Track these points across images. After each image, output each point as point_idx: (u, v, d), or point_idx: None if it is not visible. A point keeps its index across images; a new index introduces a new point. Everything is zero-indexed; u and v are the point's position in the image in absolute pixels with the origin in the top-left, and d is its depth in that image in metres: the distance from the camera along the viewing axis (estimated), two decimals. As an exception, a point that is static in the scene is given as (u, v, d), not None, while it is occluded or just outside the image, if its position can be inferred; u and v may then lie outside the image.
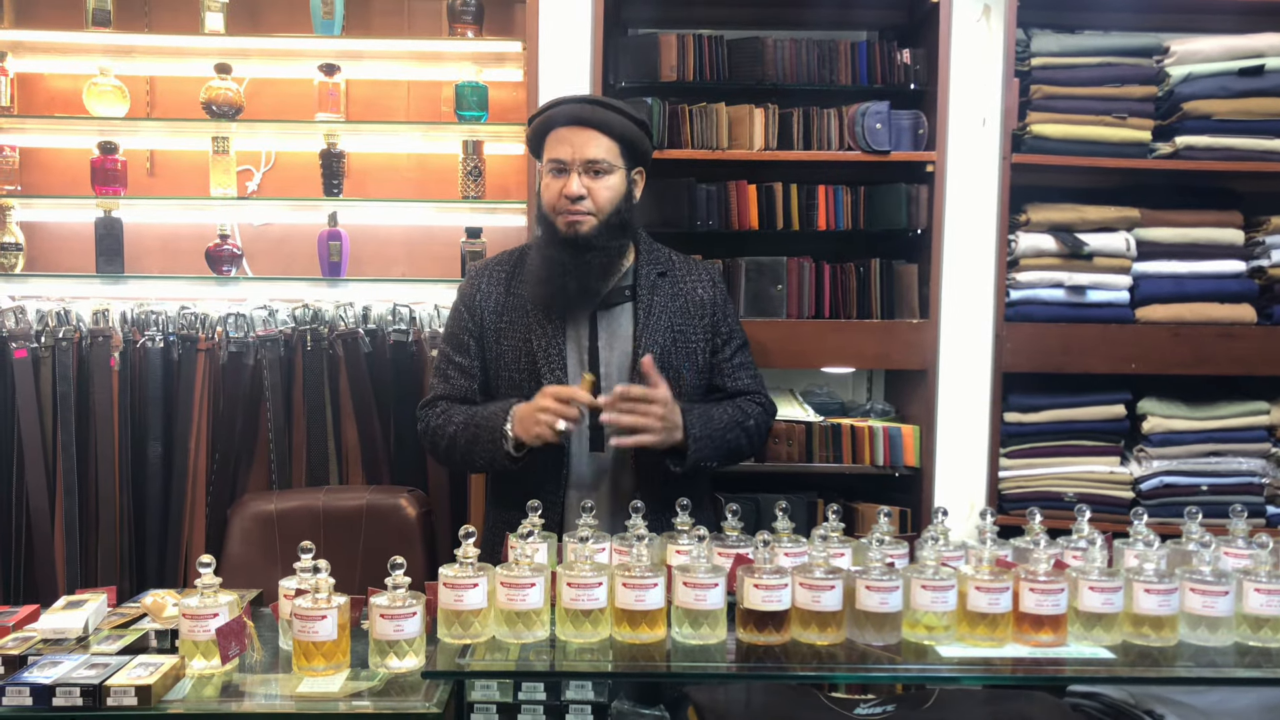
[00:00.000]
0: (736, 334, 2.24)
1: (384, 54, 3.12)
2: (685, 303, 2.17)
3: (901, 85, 2.85)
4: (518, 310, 2.16)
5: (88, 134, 3.14)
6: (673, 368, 2.11)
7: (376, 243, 3.26)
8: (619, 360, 2.12)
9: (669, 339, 2.13)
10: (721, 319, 2.21)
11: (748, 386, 2.21)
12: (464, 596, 1.57)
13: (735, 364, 2.21)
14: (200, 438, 3.06)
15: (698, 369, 2.17)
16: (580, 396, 1.98)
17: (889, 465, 2.89)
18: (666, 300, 2.16)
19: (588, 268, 2.08)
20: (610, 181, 2.08)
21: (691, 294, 2.19)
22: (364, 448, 3.10)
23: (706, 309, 2.19)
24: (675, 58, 2.83)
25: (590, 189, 2.05)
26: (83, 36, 3.05)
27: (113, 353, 3.03)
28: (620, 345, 2.13)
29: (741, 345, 2.25)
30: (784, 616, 1.57)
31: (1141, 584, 1.59)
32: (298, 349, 3.06)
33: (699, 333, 2.17)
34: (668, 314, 2.15)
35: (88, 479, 3.05)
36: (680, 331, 2.15)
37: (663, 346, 2.12)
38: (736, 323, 2.26)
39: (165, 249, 3.25)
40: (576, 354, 2.13)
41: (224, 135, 3.07)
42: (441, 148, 3.21)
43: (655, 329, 2.12)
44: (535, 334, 2.13)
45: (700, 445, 2.03)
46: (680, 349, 2.14)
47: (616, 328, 2.14)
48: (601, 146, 2.07)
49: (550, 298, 2.11)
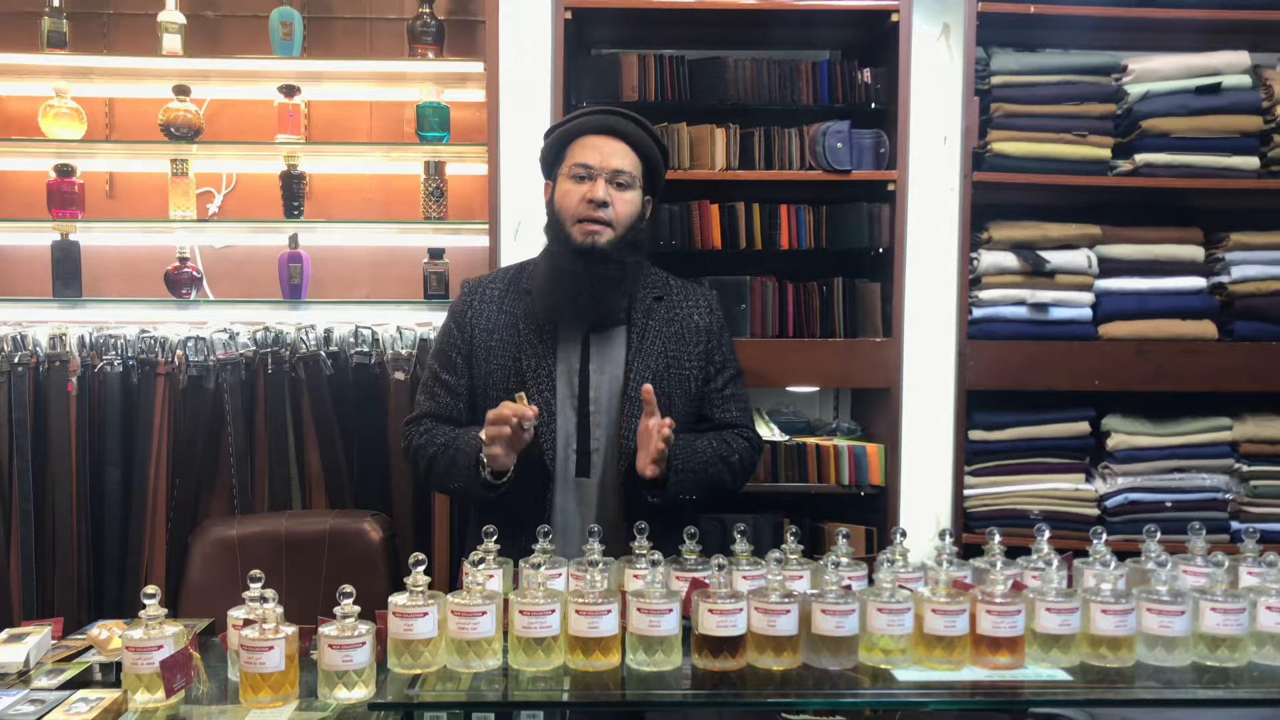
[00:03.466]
0: (730, 364, 2.19)
1: (345, 75, 3.10)
2: (680, 329, 2.13)
3: (862, 104, 2.86)
4: (509, 329, 2.11)
5: (45, 157, 3.10)
6: (664, 395, 2.05)
7: (338, 264, 3.23)
8: (609, 384, 2.08)
9: (662, 365, 2.08)
10: (716, 347, 2.16)
11: (736, 419, 2.16)
12: (414, 625, 1.54)
13: (726, 395, 2.16)
14: (160, 463, 3.02)
15: (689, 397, 2.12)
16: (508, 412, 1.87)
17: (854, 484, 2.88)
18: (661, 325, 2.11)
19: (603, 280, 2.02)
20: (631, 196, 2.06)
21: (687, 320, 2.14)
22: (327, 471, 3.07)
23: (702, 336, 2.14)
24: (636, 78, 2.82)
25: (613, 199, 2.02)
26: (38, 58, 3.02)
27: (70, 377, 3.00)
28: (612, 369, 2.08)
29: (734, 376, 2.19)
30: (739, 641, 1.56)
31: (1098, 604, 1.58)
32: (259, 372, 3.04)
33: (692, 360, 2.12)
34: (661, 339, 2.10)
35: (44, 506, 3.00)
36: (674, 358, 2.10)
37: (655, 372, 2.07)
38: (731, 353, 2.21)
39: (125, 272, 3.22)
40: (566, 376, 2.08)
41: (183, 157, 3.04)
42: (404, 169, 3.19)
43: (648, 354, 2.08)
44: (525, 354, 2.08)
45: (682, 479, 1.98)
46: (673, 376, 2.09)
47: (609, 351, 2.09)
48: (629, 160, 2.05)
49: (558, 310, 2.06)
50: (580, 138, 2.07)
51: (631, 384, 2.05)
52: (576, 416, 2.07)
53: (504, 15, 2.77)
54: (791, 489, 2.89)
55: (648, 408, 1.94)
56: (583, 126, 2.08)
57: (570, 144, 2.08)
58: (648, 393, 1.93)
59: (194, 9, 3.12)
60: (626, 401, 2.05)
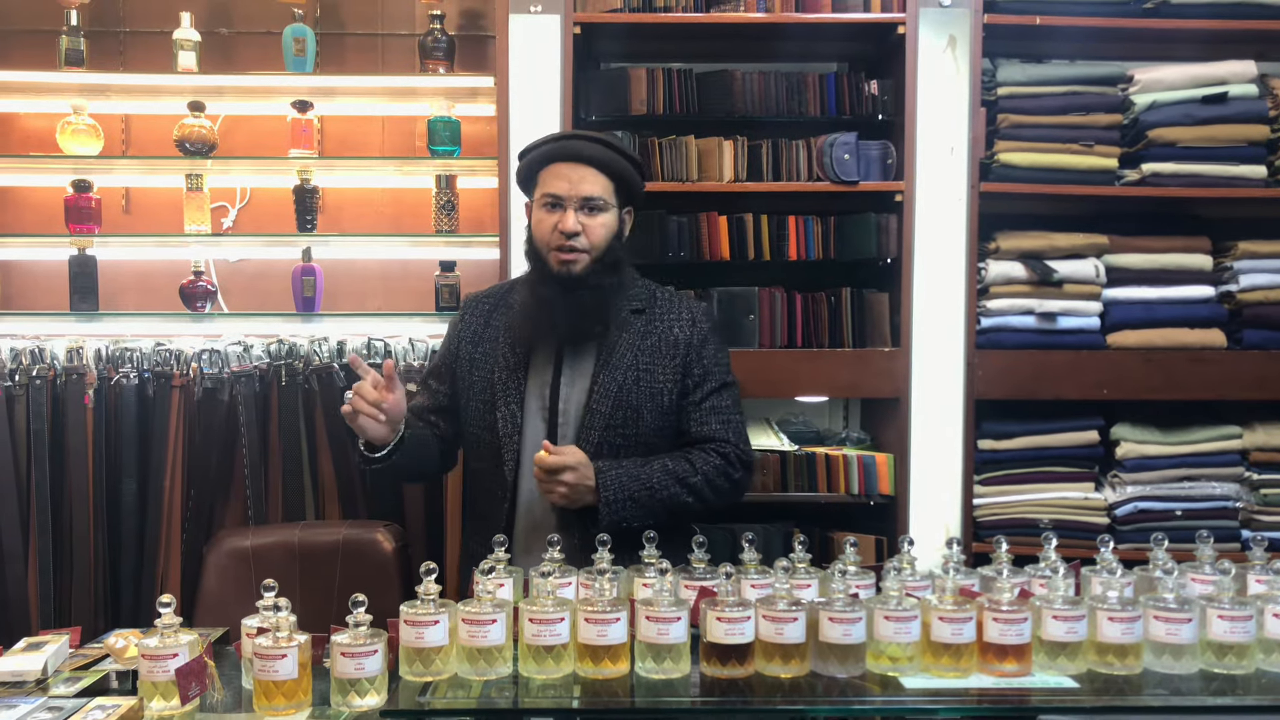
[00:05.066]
0: (712, 377, 2.15)
1: (357, 90, 3.14)
2: (657, 341, 2.13)
3: (869, 116, 2.88)
4: (491, 342, 2.17)
5: (63, 173, 3.15)
6: (631, 407, 2.07)
7: (351, 277, 3.27)
8: (577, 398, 2.10)
9: (630, 378, 2.09)
10: (695, 360, 2.13)
11: (714, 433, 2.11)
12: (425, 633, 1.56)
13: (705, 408, 2.12)
14: (175, 474, 3.04)
15: (661, 410, 2.11)
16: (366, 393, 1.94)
17: (864, 494, 2.89)
18: (635, 338, 2.12)
19: (579, 306, 2.07)
20: (605, 219, 2.07)
21: (666, 333, 2.14)
22: (340, 482, 3.09)
23: (679, 349, 2.13)
24: (645, 91, 2.85)
25: (585, 226, 2.04)
26: (56, 76, 3.07)
27: (87, 390, 3.03)
28: (581, 383, 2.11)
29: (716, 389, 2.15)
30: (747, 649, 1.57)
31: (1105, 612, 1.59)
32: (273, 384, 3.06)
33: (666, 373, 2.12)
34: (632, 352, 2.11)
35: (62, 517, 3.03)
36: (645, 370, 2.11)
37: (620, 385, 2.08)
38: (717, 365, 2.16)
39: (140, 286, 3.25)
40: (538, 389, 2.12)
41: (198, 173, 3.08)
42: (415, 182, 3.23)
43: (615, 367, 2.09)
44: (499, 366, 2.13)
45: (614, 508, 1.98)
46: (642, 389, 2.10)
47: (580, 364, 2.12)
48: (598, 184, 2.06)
49: (538, 336, 2.10)
50: (549, 165, 2.09)
51: (594, 397, 2.08)
52: (546, 428, 2.11)
53: (514, 30, 2.80)
54: (801, 499, 2.90)
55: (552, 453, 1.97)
56: (550, 154, 2.09)
57: (540, 170, 2.11)
58: (545, 447, 1.97)
59: (208, 26, 3.16)
60: (588, 414, 2.07)
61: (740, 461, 2.12)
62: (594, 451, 2.04)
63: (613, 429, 2.07)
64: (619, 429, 2.07)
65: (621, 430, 2.07)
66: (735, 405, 2.18)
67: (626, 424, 2.06)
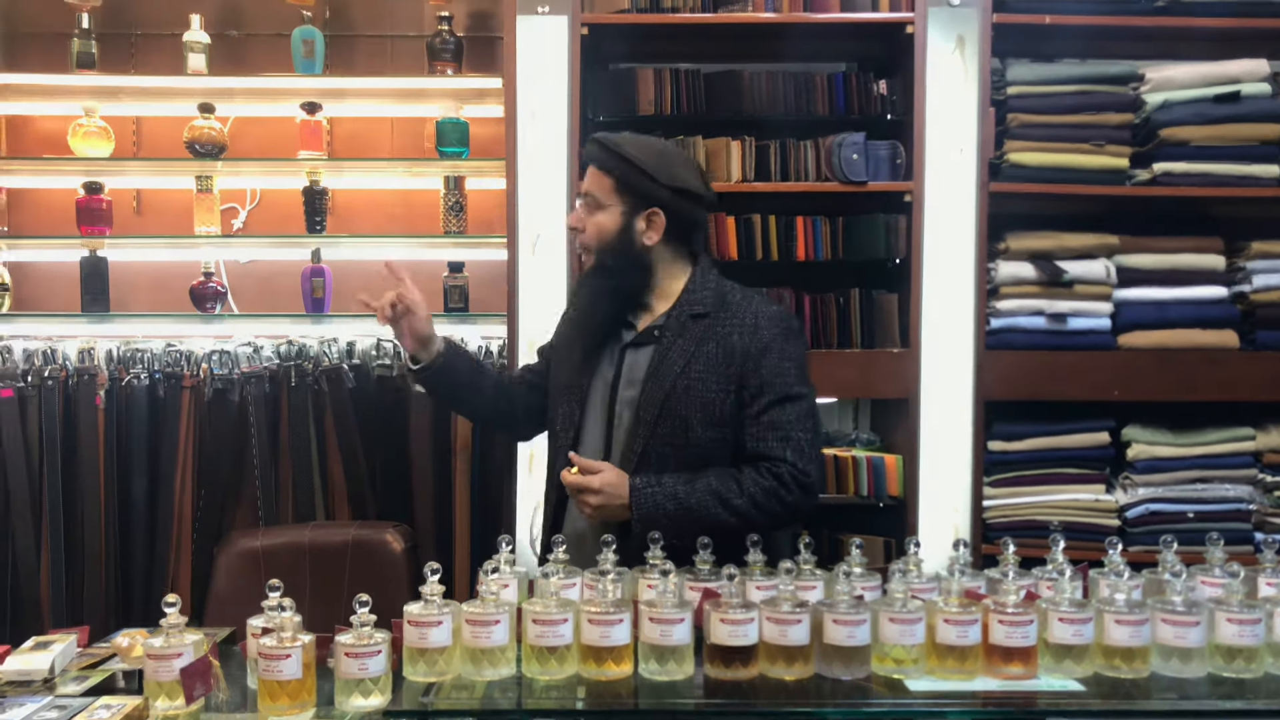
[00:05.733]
0: (772, 389, 2.01)
1: (366, 91, 3.15)
2: (714, 349, 2.04)
3: (878, 116, 2.87)
4: (572, 331, 2.20)
5: (75, 174, 3.17)
6: (679, 417, 2.01)
7: (360, 278, 3.25)
8: (630, 400, 2.07)
9: (681, 386, 2.02)
10: (752, 370, 2.02)
11: (769, 450, 1.99)
12: (429, 634, 1.56)
13: (761, 423, 2.01)
14: (186, 475, 3.06)
15: (714, 421, 2.02)
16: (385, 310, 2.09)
17: (873, 495, 2.88)
18: (690, 344, 2.04)
19: (590, 299, 2.12)
20: (600, 218, 2.06)
21: (725, 340, 2.03)
22: (350, 483, 3.11)
23: (736, 358, 2.03)
24: (653, 92, 2.85)
25: (585, 222, 2.08)
26: (69, 79, 3.09)
27: (98, 391, 3.05)
28: (634, 387, 2.07)
29: (775, 403, 2.01)
30: (751, 651, 1.56)
31: (1112, 615, 1.58)
32: (283, 385, 3.08)
33: (720, 382, 2.03)
34: (684, 359, 2.03)
35: (74, 517, 3.05)
36: (697, 379, 2.03)
37: (668, 393, 2.02)
38: (779, 377, 2.02)
39: (151, 287, 3.27)
40: (601, 388, 2.10)
41: (208, 174, 3.10)
42: (424, 184, 3.24)
43: (664, 374, 2.03)
44: (569, 359, 2.16)
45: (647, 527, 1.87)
46: (692, 398, 2.02)
47: (636, 367, 2.08)
48: (595, 182, 2.07)
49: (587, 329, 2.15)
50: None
51: (642, 404, 2.05)
52: (603, 429, 2.09)
53: (521, 31, 2.80)
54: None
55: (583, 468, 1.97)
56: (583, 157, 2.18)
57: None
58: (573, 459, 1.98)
59: (218, 28, 3.18)
60: (636, 421, 2.05)
61: (796, 483, 1.98)
62: (638, 459, 2.00)
63: (660, 438, 2.01)
64: (666, 438, 2.01)
65: (669, 439, 2.01)
66: (800, 420, 2.03)
67: (674, 433, 1.99)
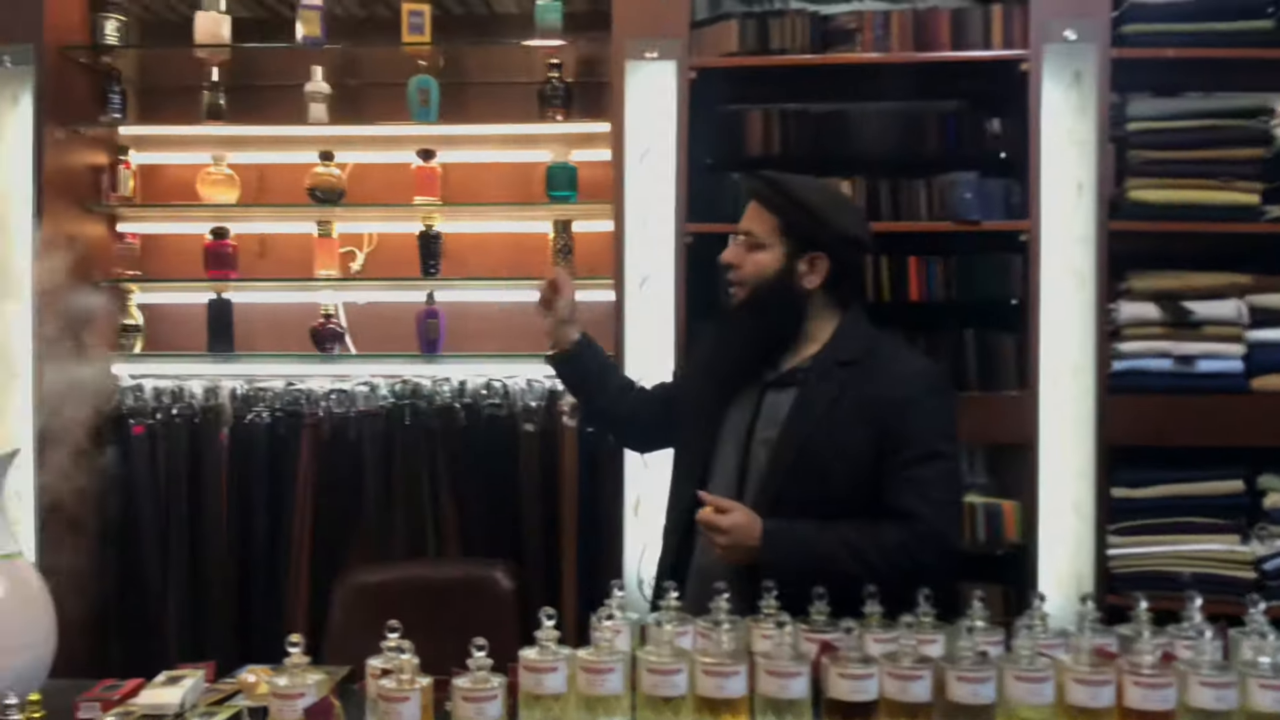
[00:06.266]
0: (916, 444, 1.96)
1: (478, 138, 3.23)
2: (858, 398, 2.00)
3: (991, 154, 2.82)
4: (707, 366, 2.20)
5: (203, 220, 3.31)
6: (817, 465, 1.98)
7: (471, 319, 3.33)
8: (767, 441, 2.03)
9: (821, 434, 1.99)
10: (896, 423, 1.97)
11: (908, 506, 1.93)
12: (544, 680, 1.56)
13: (901, 478, 1.95)
14: (305, 511, 3.13)
15: (854, 472, 1.98)
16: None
17: (990, 542, 2.80)
18: (833, 391, 2.00)
19: (736, 336, 2.10)
20: (759, 257, 2.04)
21: (870, 390, 1.99)
22: (460, 520, 3.14)
23: (882, 409, 1.97)
24: (761, 133, 2.86)
25: (742, 260, 2.06)
26: (199, 129, 3.24)
27: (223, 428, 3.16)
28: (773, 429, 2.03)
29: (920, 459, 1.96)
30: (872, 707, 1.52)
31: (1256, 679, 1.49)
32: (397, 424, 3.14)
33: (862, 432, 1.98)
34: (827, 405, 2.00)
35: (199, 551, 3.14)
36: (839, 428, 1.98)
37: (808, 440, 1.99)
38: (923, 433, 1.97)
39: (273, 328, 3.38)
40: (738, 426, 2.08)
41: (328, 219, 3.20)
42: (532, 227, 3.29)
43: (804, 420, 2.00)
44: (707, 392, 2.14)
45: (776, 573, 1.84)
46: (832, 445, 1.98)
47: (776, 411, 2.05)
48: (758, 221, 2.05)
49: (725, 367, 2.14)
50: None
51: (780, 449, 2.02)
52: (736, 469, 2.07)
53: (629, 77, 2.83)
54: (923, 546, 2.81)
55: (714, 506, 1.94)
56: (743, 191, 2.17)
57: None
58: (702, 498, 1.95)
59: (338, 78, 3.29)
60: (773, 464, 2.02)
61: (931, 542, 1.93)
62: (772, 504, 1.97)
63: (795, 484, 1.98)
64: (802, 485, 1.98)
65: (805, 487, 1.98)
66: (942, 479, 1.98)
67: (811, 481, 1.96)
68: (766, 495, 1.99)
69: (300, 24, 3.12)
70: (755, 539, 1.92)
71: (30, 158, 3.02)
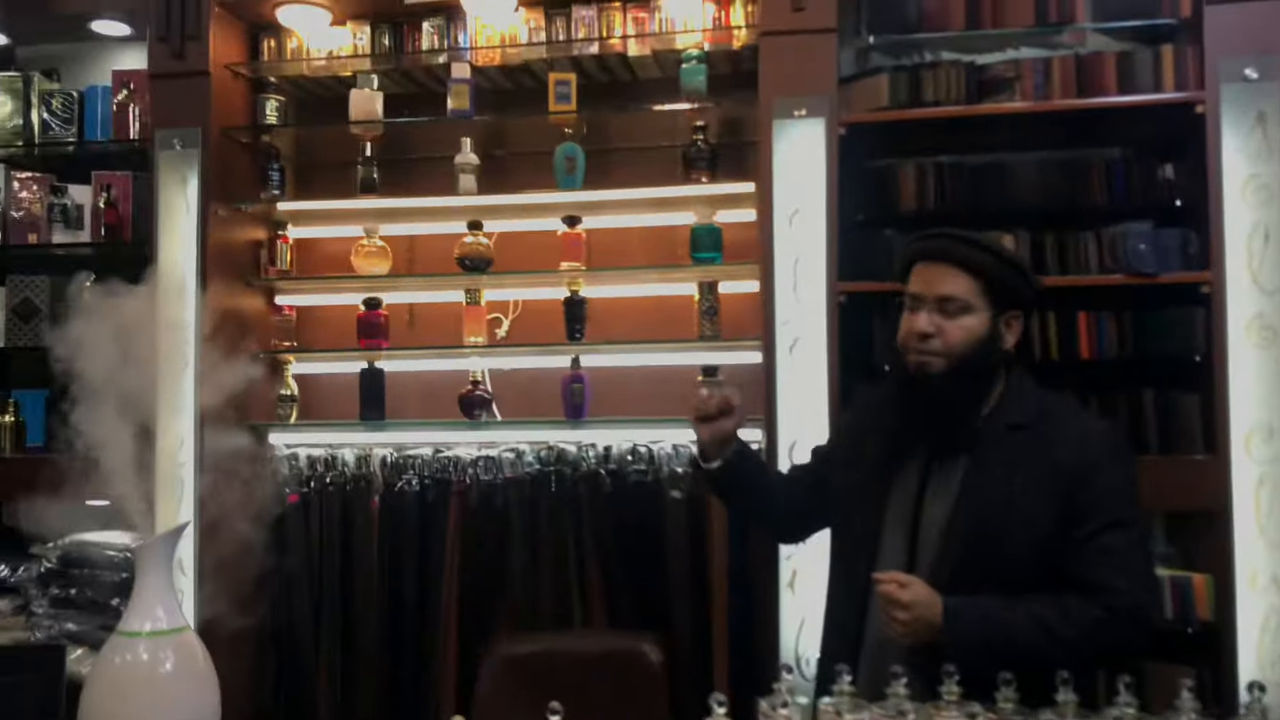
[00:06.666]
0: (1105, 510, 1.85)
1: (621, 203, 3.22)
2: (1036, 463, 1.89)
3: (1164, 202, 2.66)
4: (865, 439, 2.08)
5: (355, 291, 3.39)
6: (997, 538, 1.87)
7: (615, 383, 3.30)
8: (940, 515, 1.93)
9: (999, 503, 1.88)
10: (1081, 491, 1.86)
11: (1103, 580, 1.81)
12: (715, 770, 1.48)
13: (1090, 548, 1.83)
14: (452, 579, 3.13)
15: (1036, 543, 1.87)
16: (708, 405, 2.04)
17: (1178, 619, 2.58)
18: (1009, 456, 1.91)
19: (933, 411, 1.95)
20: (966, 322, 1.92)
21: (1048, 454, 1.89)
22: (607, 589, 3.09)
23: (1064, 474, 1.86)
24: (914, 187, 2.77)
25: (941, 327, 1.91)
26: (352, 202, 3.34)
27: (373, 495, 3.20)
28: (945, 500, 1.93)
29: (1109, 526, 1.84)
30: (1076, 809, 1.38)
31: None
32: (543, 490, 3.12)
33: (1044, 501, 1.87)
34: (1004, 473, 1.89)
35: (350, 618, 3.17)
36: (1019, 495, 1.88)
37: (985, 511, 1.88)
38: (1111, 497, 1.87)
39: (422, 395, 3.42)
40: (902, 499, 1.98)
41: (476, 287, 3.24)
42: (676, 289, 3.26)
43: (982, 489, 1.90)
44: (865, 468, 2.03)
45: (962, 654, 1.72)
46: (1012, 516, 1.87)
47: (946, 480, 1.94)
48: (958, 284, 1.92)
49: (891, 437, 2.01)
50: (915, 265, 1.99)
51: (955, 521, 1.91)
52: (906, 543, 1.96)
53: (777, 135, 2.79)
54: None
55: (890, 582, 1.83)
56: (915, 253, 2.00)
57: (909, 270, 2.01)
58: (877, 578, 1.84)
59: (485, 149, 3.34)
60: (948, 538, 1.91)
61: (1131, 616, 1.81)
62: (949, 580, 1.86)
63: (973, 559, 1.87)
64: (981, 560, 1.87)
65: (983, 562, 1.87)
66: (1134, 547, 1.87)
67: (990, 555, 1.85)
68: (941, 571, 1.88)
69: (451, 98, 3.19)
70: (937, 616, 1.81)
71: (196, 235, 3.16)
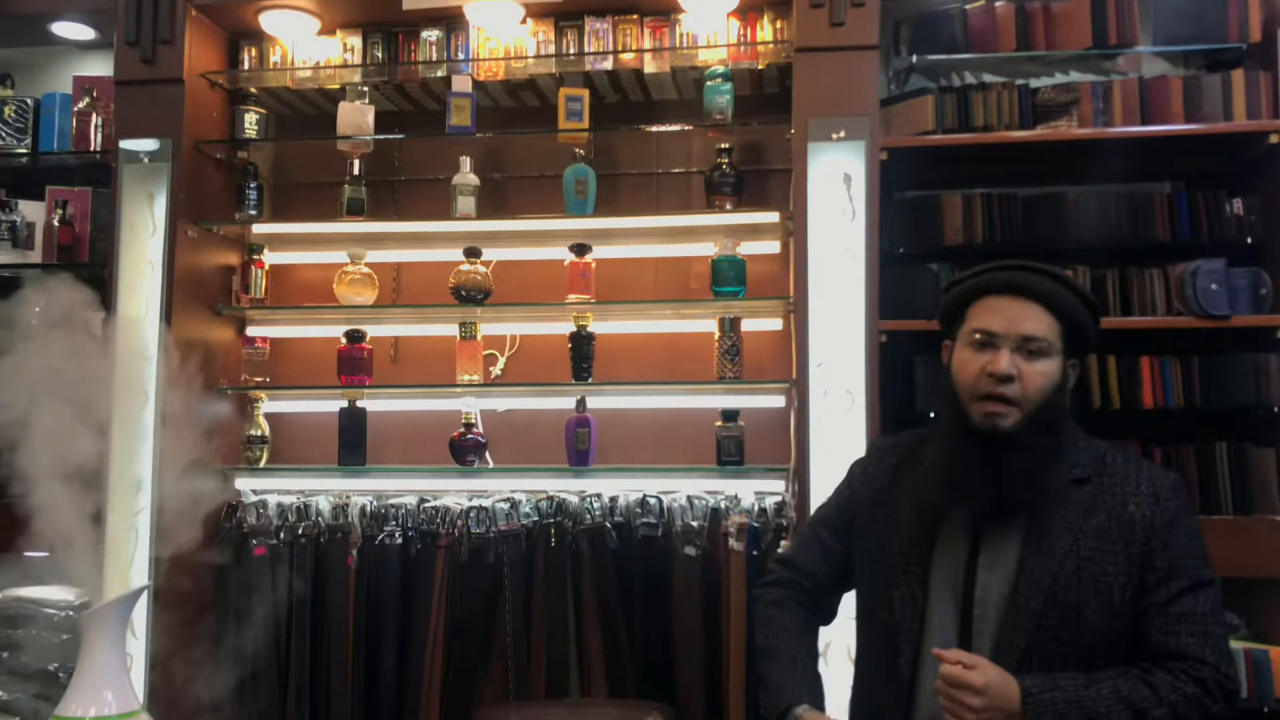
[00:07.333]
0: (1183, 572, 1.69)
1: (633, 232, 2.99)
2: (1105, 521, 1.70)
3: (1234, 238, 2.47)
4: (894, 504, 1.81)
5: (335, 323, 3.11)
6: (1069, 605, 1.66)
7: (622, 428, 3.04)
8: (999, 587, 1.69)
9: (1069, 567, 1.67)
10: (1158, 549, 1.69)
11: (1184, 648, 1.65)
12: None
13: (1171, 614, 1.66)
14: (436, 642, 2.87)
15: (1110, 611, 1.67)
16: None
17: (1255, 697, 2.34)
18: (1076, 516, 1.70)
19: (1005, 472, 1.68)
20: (1045, 367, 1.69)
21: (1119, 511, 1.71)
22: (608, 655, 2.84)
23: (1137, 533, 1.69)
24: (960, 219, 2.56)
25: (1022, 371, 1.68)
26: (337, 226, 3.07)
27: (351, 550, 2.91)
28: (1003, 568, 1.70)
29: (1189, 589, 1.68)
30: None
31: None
32: (540, 545, 2.87)
33: (1119, 563, 1.68)
34: (1071, 534, 1.69)
35: (319, 687, 2.89)
36: (1089, 559, 1.68)
37: (1055, 576, 1.67)
38: (1189, 559, 1.71)
39: (407, 439, 3.14)
40: (949, 569, 1.72)
41: (471, 320, 2.96)
42: (690, 326, 3.02)
43: (1049, 553, 1.68)
44: (900, 536, 1.76)
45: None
46: (1085, 583, 1.67)
47: (1003, 545, 1.71)
48: (1041, 323, 1.70)
49: (951, 503, 1.74)
50: (983, 298, 1.74)
51: (1021, 590, 1.67)
52: (957, 618, 1.70)
53: (812, 159, 2.57)
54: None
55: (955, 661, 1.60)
56: (987, 284, 1.75)
57: (971, 304, 1.76)
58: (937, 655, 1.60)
59: (482, 172, 3.08)
60: (1013, 610, 1.66)
61: (1220, 689, 1.64)
62: (1020, 658, 1.63)
63: (1045, 631, 1.65)
64: (1053, 631, 1.65)
65: (1056, 634, 1.65)
66: (1214, 611, 1.70)
67: (1063, 626, 1.63)
68: (1014, 647, 1.65)
69: (451, 113, 2.93)
70: (1014, 701, 1.58)
71: (162, 257, 2.87)
